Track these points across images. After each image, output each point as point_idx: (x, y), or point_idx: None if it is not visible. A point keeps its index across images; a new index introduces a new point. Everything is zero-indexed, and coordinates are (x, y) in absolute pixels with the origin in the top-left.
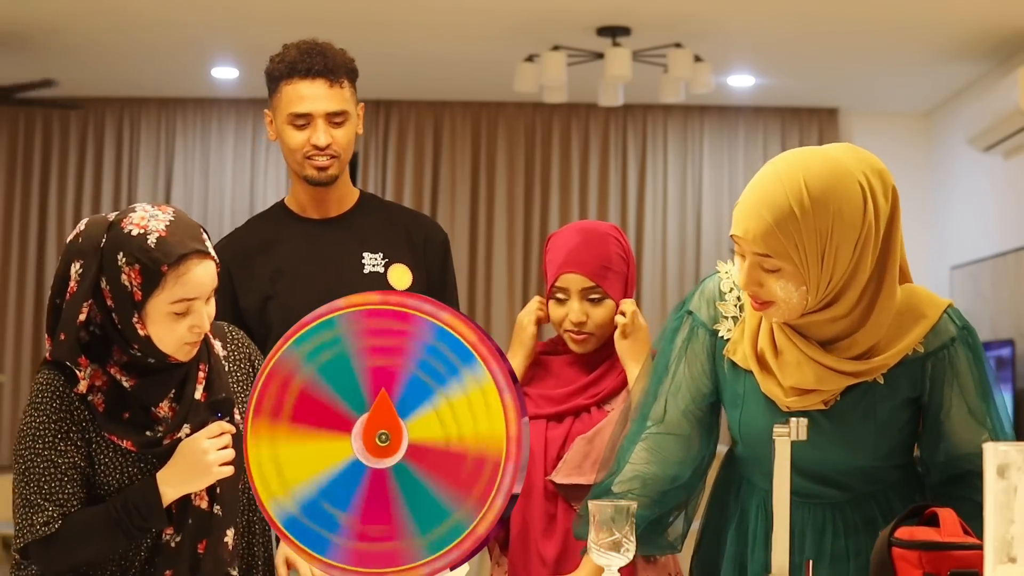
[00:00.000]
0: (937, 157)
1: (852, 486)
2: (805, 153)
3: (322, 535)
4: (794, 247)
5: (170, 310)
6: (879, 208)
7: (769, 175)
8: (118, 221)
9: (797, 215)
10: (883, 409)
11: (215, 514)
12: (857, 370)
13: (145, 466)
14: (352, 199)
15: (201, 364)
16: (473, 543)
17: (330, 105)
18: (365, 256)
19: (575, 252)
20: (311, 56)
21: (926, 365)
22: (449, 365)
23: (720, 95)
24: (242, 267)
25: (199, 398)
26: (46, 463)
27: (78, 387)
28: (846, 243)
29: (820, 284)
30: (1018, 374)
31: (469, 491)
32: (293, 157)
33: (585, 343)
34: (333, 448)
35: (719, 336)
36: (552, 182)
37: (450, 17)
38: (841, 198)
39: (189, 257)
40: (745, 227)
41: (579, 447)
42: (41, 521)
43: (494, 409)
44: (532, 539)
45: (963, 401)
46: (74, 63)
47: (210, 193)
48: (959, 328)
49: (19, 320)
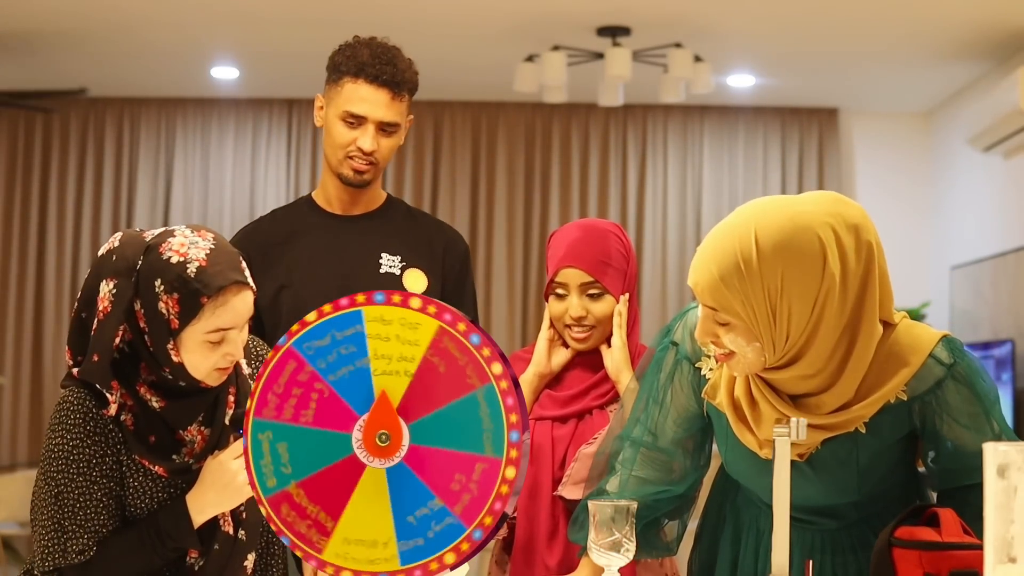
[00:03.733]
0: (937, 157)
1: (842, 515)
2: (768, 204)
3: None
4: (740, 303)
5: (206, 339)
6: (846, 265)
7: (725, 225)
8: (156, 245)
9: (743, 270)
10: (865, 455)
11: (239, 539)
12: (833, 423)
13: (175, 490)
14: (379, 200)
15: (231, 388)
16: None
17: (387, 115)
18: (383, 256)
19: (575, 247)
20: (382, 64)
21: (912, 408)
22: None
23: (720, 95)
24: (262, 256)
25: (228, 423)
26: (80, 490)
27: (108, 409)
28: (800, 301)
29: (775, 341)
30: (1018, 374)
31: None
32: (335, 152)
33: (586, 340)
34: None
35: (701, 374)
36: (552, 182)
37: (450, 17)
38: (794, 254)
39: (228, 288)
40: (695, 279)
41: (584, 461)
42: (76, 549)
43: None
44: (537, 546)
45: (963, 429)
46: (74, 63)
47: (210, 193)
48: (947, 367)
49: (19, 321)
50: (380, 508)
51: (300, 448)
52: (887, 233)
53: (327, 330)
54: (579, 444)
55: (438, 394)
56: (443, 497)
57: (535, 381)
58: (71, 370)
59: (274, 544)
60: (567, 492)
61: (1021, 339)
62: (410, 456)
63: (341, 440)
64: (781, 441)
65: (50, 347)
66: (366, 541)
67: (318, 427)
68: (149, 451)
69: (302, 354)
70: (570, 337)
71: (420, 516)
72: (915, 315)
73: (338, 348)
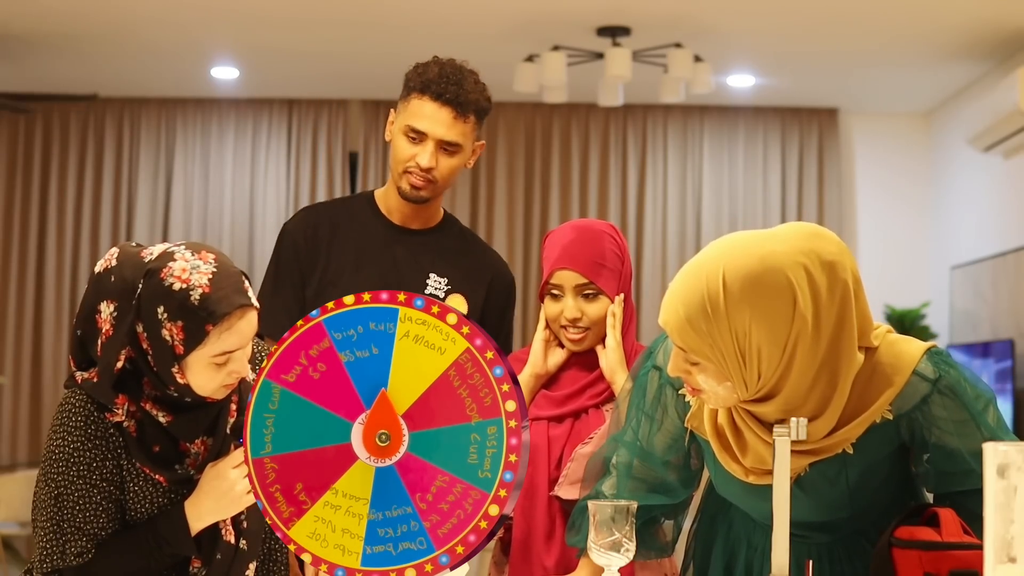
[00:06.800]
0: (937, 157)
1: (835, 528)
2: (738, 241)
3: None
4: (708, 346)
5: (212, 362)
6: (819, 305)
7: (695, 264)
8: (157, 270)
9: (709, 313)
10: (854, 474)
11: (240, 548)
12: (819, 447)
13: (175, 496)
14: (437, 218)
15: (233, 396)
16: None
17: (447, 134)
18: (431, 276)
19: (569, 248)
20: (448, 83)
21: (899, 425)
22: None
23: (720, 95)
24: (312, 244)
25: (229, 431)
26: (79, 492)
27: (111, 414)
28: (770, 343)
29: (747, 381)
30: (1018, 374)
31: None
32: (396, 166)
33: (581, 341)
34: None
35: (685, 400)
36: (552, 182)
37: (450, 17)
38: (762, 296)
39: (233, 313)
40: (664, 318)
41: (580, 461)
42: (74, 552)
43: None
44: (534, 546)
45: (953, 437)
46: (74, 63)
47: (210, 193)
48: (932, 382)
49: (19, 322)
50: (358, 505)
51: (301, 420)
52: (887, 233)
53: (361, 318)
54: (575, 444)
55: (447, 412)
56: (423, 514)
57: (531, 382)
58: (74, 373)
59: (276, 551)
60: (563, 492)
61: (1021, 339)
62: (403, 463)
63: (341, 425)
64: (781, 441)
65: (50, 347)
66: (336, 531)
67: (323, 406)
68: (151, 460)
69: (329, 333)
70: (566, 338)
71: (394, 525)
72: (915, 315)
73: (366, 337)
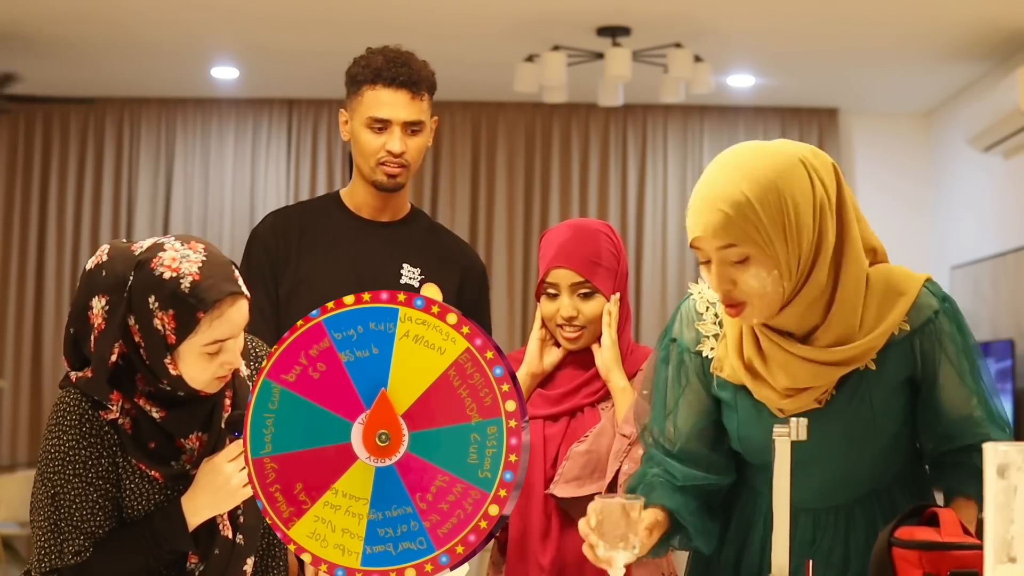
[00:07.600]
0: (937, 157)
1: (859, 471)
2: (742, 147)
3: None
4: (754, 229)
5: (203, 351)
6: (825, 183)
7: (713, 173)
8: (147, 261)
9: (750, 198)
10: (878, 396)
11: (238, 543)
12: (846, 357)
13: (172, 493)
14: (405, 210)
15: (227, 391)
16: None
17: (409, 114)
18: (404, 267)
19: (565, 247)
20: (397, 66)
21: (914, 342)
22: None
23: (720, 95)
24: (283, 245)
25: (224, 425)
26: (76, 491)
27: (106, 412)
28: (804, 213)
29: (790, 262)
30: (1018, 374)
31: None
32: (366, 161)
33: (577, 340)
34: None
35: (704, 356)
36: (552, 182)
37: (450, 17)
38: (788, 174)
39: (224, 300)
40: (704, 224)
41: (575, 459)
42: (72, 551)
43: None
44: (530, 545)
45: (953, 371)
46: (74, 63)
47: (210, 193)
48: (940, 300)
49: (19, 323)
50: (358, 505)
51: (300, 420)
52: (887, 233)
53: (360, 318)
54: (571, 442)
55: (447, 412)
56: (423, 514)
57: (527, 381)
58: (69, 373)
59: (275, 547)
60: (559, 490)
61: (1021, 339)
62: (403, 463)
63: (341, 425)
64: (781, 441)
65: (50, 348)
66: (336, 531)
67: (323, 406)
68: (147, 456)
69: (328, 332)
70: (562, 337)
71: (394, 525)
72: None
73: (365, 337)
